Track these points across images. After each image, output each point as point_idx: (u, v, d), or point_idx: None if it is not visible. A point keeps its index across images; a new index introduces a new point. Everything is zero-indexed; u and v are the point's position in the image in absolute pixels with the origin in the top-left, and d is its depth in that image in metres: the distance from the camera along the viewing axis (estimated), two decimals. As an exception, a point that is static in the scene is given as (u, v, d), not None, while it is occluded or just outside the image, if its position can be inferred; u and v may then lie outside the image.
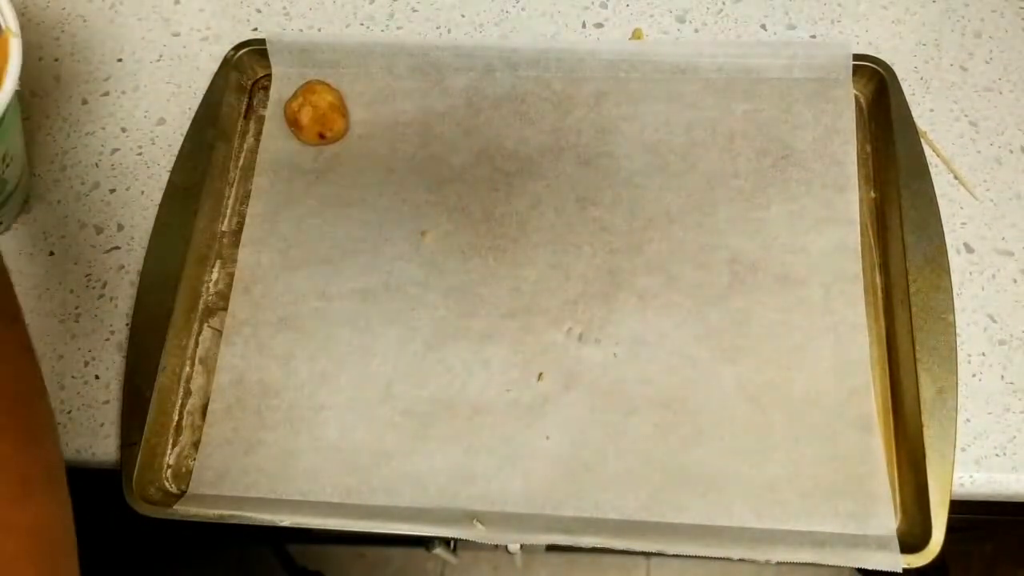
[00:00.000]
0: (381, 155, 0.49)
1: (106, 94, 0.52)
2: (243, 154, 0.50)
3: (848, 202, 0.45)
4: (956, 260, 0.44)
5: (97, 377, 0.44)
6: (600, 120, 0.49)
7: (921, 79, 0.50)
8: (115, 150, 0.51)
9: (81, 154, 0.50)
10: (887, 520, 0.39)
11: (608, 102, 0.49)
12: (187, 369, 0.44)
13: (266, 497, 0.41)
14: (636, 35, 0.53)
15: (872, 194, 0.46)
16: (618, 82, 0.50)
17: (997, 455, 0.41)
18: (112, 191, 0.49)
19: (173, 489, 0.42)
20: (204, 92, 0.50)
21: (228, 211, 0.48)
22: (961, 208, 0.46)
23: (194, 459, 0.42)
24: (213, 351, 0.45)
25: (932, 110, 0.49)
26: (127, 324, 0.45)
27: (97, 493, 0.43)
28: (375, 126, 0.50)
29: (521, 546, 0.41)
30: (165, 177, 0.48)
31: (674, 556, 0.39)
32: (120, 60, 0.53)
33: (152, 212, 0.47)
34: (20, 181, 0.46)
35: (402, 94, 0.50)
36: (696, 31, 0.53)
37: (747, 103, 0.48)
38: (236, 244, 0.47)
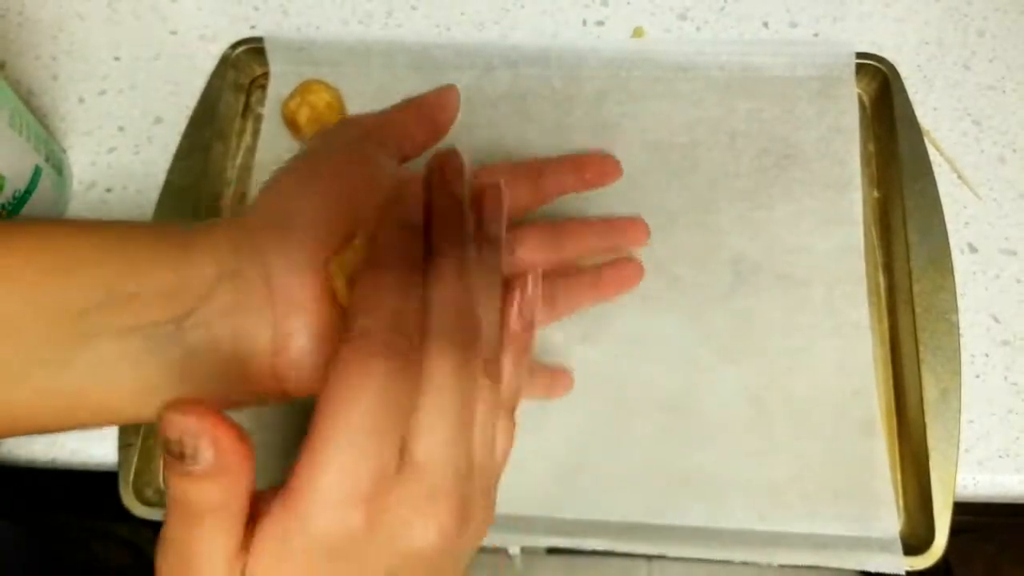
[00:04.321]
0: (380, 154, 0.48)
1: (103, 93, 0.52)
2: (241, 153, 0.50)
3: (851, 202, 0.45)
4: (960, 260, 0.44)
5: (94, 378, 0.44)
6: (601, 118, 0.48)
7: (924, 78, 0.50)
8: (112, 149, 0.50)
9: (78, 153, 0.50)
10: (890, 522, 0.38)
11: (609, 100, 0.49)
12: (185, 370, 0.44)
13: (264, 499, 0.41)
14: (637, 33, 0.52)
15: (875, 194, 0.46)
16: (619, 80, 0.49)
17: (1000, 456, 0.40)
18: (109, 191, 0.49)
19: (171, 491, 0.42)
20: (202, 91, 0.50)
21: (226, 211, 0.48)
22: (965, 208, 0.46)
23: (192, 461, 0.42)
24: (211, 352, 0.44)
25: (935, 109, 0.49)
26: (124, 324, 0.45)
27: (95, 495, 0.42)
28: (374, 125, 0.49)
29: (521, 549, 0.40)
30: (162, 177, 0.47)
31: (676, 559, 0.38)
32: (117, 59, 0.53)
33: (149, 212, 0.47)
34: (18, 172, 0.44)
35: (401, 93, 0.50)
36: (698, 29, 0.52)
37: (749, 102, 0.48)
38: (234, 244, 0.47)
